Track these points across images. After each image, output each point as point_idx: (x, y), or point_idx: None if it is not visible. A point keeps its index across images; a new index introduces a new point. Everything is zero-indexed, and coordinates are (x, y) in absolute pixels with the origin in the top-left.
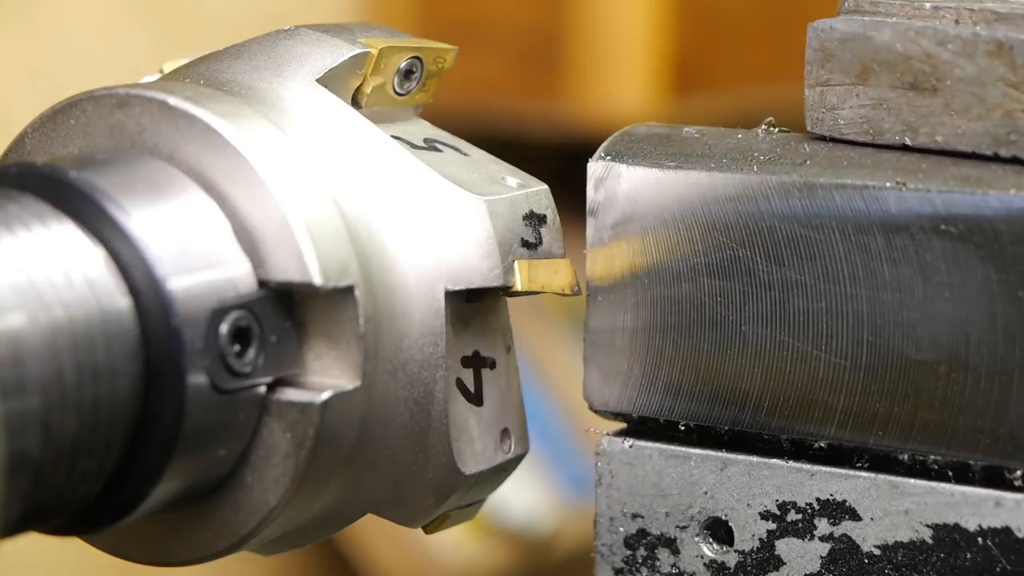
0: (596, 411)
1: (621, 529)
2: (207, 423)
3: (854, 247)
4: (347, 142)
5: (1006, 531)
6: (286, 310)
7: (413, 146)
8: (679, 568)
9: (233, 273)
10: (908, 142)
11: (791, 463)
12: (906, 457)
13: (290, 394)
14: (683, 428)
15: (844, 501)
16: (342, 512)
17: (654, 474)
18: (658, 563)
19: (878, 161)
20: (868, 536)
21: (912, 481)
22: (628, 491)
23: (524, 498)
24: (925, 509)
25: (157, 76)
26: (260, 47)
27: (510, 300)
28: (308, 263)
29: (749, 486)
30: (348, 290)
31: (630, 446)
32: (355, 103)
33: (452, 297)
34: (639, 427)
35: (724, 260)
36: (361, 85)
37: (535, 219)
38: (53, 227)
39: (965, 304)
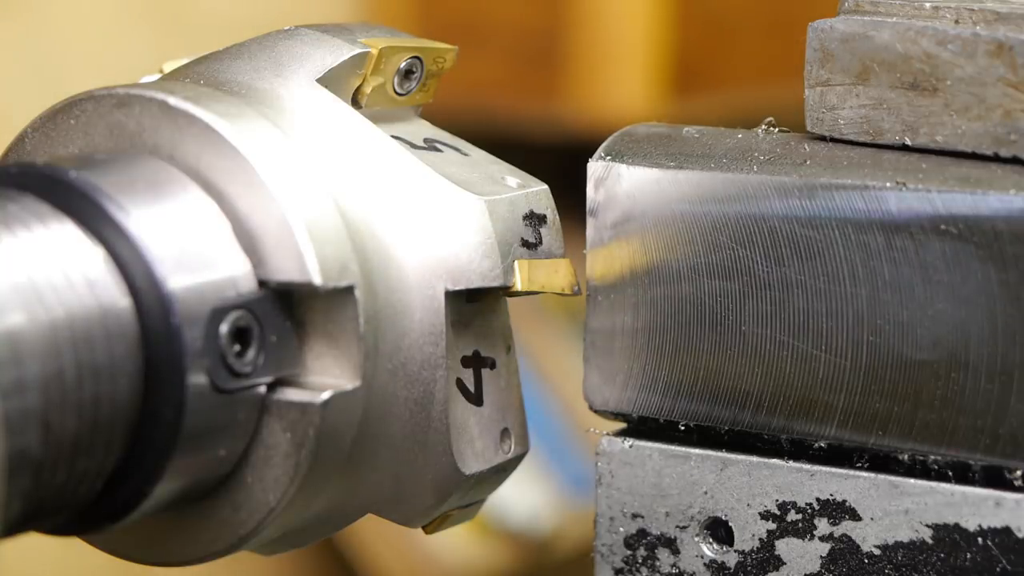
0: (596, 411)
1: (621, 529)
2: (207, 423)
3: (854, 247)
4: (347, 142)
5: (1006, 531)
6: (286, 310)
7: (413, 146)
8: (679, 568)
9: (233, 273)
10: (908, 142)
11: (791, 463)
12: (906, 457)
13: (290, 394)
14: (683, 428)
15: (844, 501)
16: (342, 512)
17: (654, 474)
18: (658, 563)
19: (878, 161)
20: (868, 536)
21: (912, 481)
22: (628, 491)
23: (524, 498)
24: (925, 509)
25: (157, 76)
26: (260, 47)
27: (510, 300)
28: (308, 263)
29: (749, 486)
30: (348, 290)
31: (630, 446)
32: (355, 103)
33: (452, 297)
34: (639, 427)
35: (724, 260)
36: (361, 85)
37: (535, 219)
38: (53, 227)
39: (965, 304)
